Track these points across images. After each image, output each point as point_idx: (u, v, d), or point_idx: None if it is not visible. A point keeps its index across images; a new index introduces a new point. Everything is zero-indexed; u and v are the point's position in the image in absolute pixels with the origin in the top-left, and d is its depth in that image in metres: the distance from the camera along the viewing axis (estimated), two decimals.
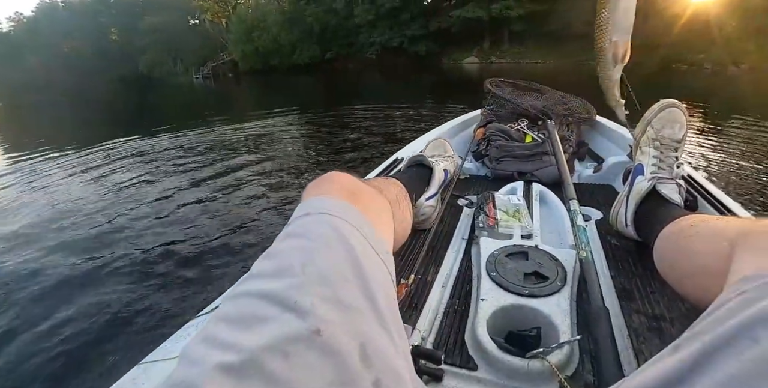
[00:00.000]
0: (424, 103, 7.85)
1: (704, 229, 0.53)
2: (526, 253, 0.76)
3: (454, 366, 0.57)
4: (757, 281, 0.33)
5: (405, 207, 0.72)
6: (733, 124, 5.69)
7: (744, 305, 0.31)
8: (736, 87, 12.53)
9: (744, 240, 0.40)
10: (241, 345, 0.27)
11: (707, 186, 0.99)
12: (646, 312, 0.67)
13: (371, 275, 0.36)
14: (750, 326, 0.29)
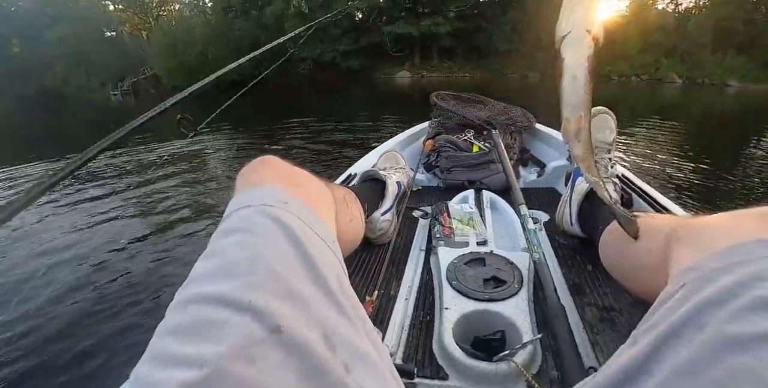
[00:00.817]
0: (359, 116, 7.91)
1: (643, 227, 0.57)
2: (483, 259, 0.78)
3: (425, 378, 0.57)
4: (696, 272, 0.36)
5: (354, 207, 0.72)
6: (637, 127, 6.45)
7: (687, 296, 0.34)
8: (638, 95, 14.11)
9: (679, 235, 0.44)
10: (201, 358, 0.26)
11: (640, 184, 1.09)
12: (597, 305, 0.71)
13: (321, 264, 0.35)
14: (695, 315, 0.32)
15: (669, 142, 5.74)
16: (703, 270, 0.35)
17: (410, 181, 1.20)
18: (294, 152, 4.78)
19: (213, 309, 0.29)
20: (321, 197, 0.49)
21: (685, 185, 3.59)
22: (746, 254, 0.34)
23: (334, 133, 5.96)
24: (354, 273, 0.83)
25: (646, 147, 5.30)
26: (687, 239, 0.42)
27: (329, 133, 5.94)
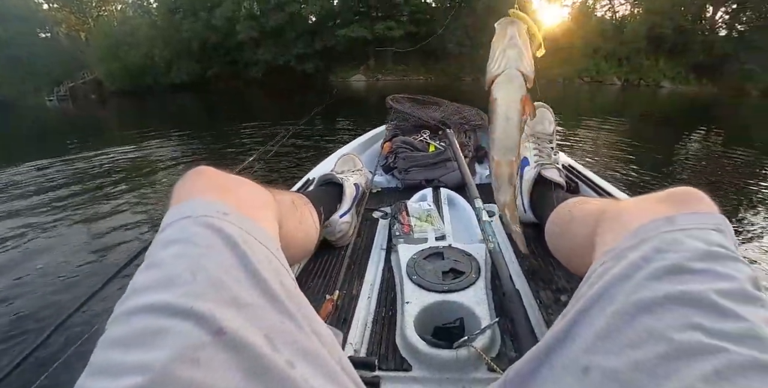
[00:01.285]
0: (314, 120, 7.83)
1: (578, 213, 0.62)
2: (442, 253, 0.81)
3: (389, 371, 0.59)
4: (612, 252, 0.40)
5: (305, 211, 0.73)
6: (582, 126, 6.86)
7: (604, 272, 0.38)
8: (582, 96, 14.90)
9: (603, 219, 0.49)
10: (144, 365, 0.26)
11: (585, 172, 1.17)
12: (551, 288, 0.76)
13: (262, 270, 0.36)
14: (608, 287, 0.36)
15: (611, 138, 6.16)
16: (618, 249, 0.40)
17: (368, 182, 1.21)
18: (246, 158, 4.67)
19: (155, 318, 0.29)
20: (262, 204, 0.49)
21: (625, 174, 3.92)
22: (652, 230, 0.39)
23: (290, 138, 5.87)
24: (315, 275, 0.84)
25: (591, 143, 5.68)
26: (609, 222, 0.47)
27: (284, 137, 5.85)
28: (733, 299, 0.31)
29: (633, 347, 0.31)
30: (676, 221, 0.39)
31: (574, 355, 0.34)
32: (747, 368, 0.27)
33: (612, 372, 0.31)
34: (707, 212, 0.40)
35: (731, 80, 22.37)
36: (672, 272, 0.34)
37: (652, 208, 0.42)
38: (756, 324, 0.29)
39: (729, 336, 0.29)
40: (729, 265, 0.34)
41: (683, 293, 0.32)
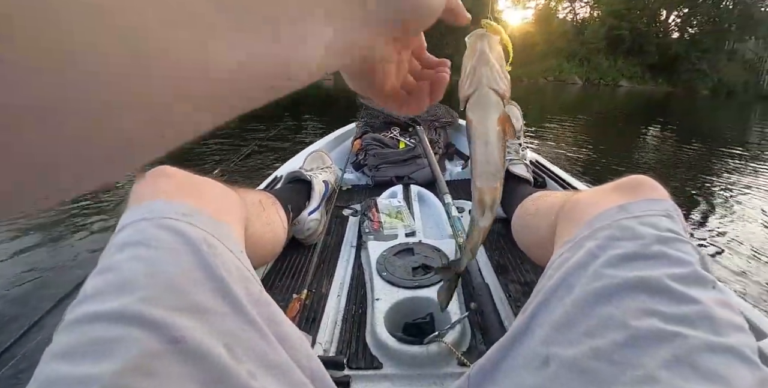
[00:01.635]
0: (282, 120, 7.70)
1: (542, 206, 0.63)
2: (412, 249, 0.80)
3: (360, 369, 0.58)
4: (570, 242, 0.41)
5: (272, 211, 0.71)
6: (547, 123, 7.09)
7: (562, 262, 0.39)
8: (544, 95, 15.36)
9: (562, 211, 0.50)
10: (92, 377, 0.25)
11: (551, 167, 1.19)
12: (519, 281, 0.76)
13: (225, 274, 0.34)
14: (566, 277, 0.37)
15: (575, 134, 6.40)
16: (575, 239, 0.40)
17: (338, 180, 1.19)
18: (210, 159, 4.52)
19: (106, 326, 0.28)
20: (226, 205, 0.47)
21: (588, 167, 4.09)
22: (605, 219, 0.40)
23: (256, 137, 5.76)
24: (283, 274, 0.82)
25: (556, 139, 5.88)
26: (567, 213, 0.48)
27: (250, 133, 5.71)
28: (685, 283, 0.32)
29: (591, 335, 0.31)
30: (628, 209, 0.40)
31: (533, 347, 0.34)
32: (703, 351, 0.27)
33: (570, 361, 0.31)
34: (657, 198, 0.41)
35: (684, 79, 23.68)
36: (627, 259, 0.34)
37: (606, 197, 0.43)
38: (708, 306, 0.30)
39: (684, 320, 0.29)
40: (680, 248, 0.35)
41: (638, 280, 0.32)
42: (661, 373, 0.27)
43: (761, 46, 24.77)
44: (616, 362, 0.29)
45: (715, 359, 0.27)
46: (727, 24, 24.64)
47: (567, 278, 0.37)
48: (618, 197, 0.42)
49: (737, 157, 5.44)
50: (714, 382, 0.26)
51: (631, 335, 0.29)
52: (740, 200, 3.65)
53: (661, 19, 25.72)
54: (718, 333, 0.29)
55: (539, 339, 0.34)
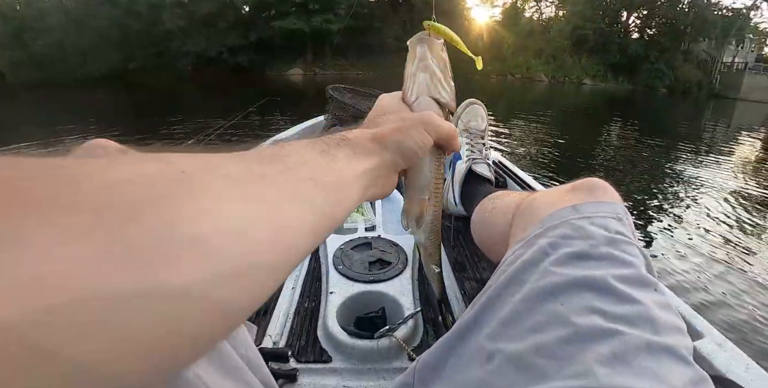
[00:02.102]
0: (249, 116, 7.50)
1: (500, 204, 0.64)
2: (370, 243, 0.80)
3: (308, 363, 0.57)
4: (524, 240, 0.41)
5: None
6: (514, 118, 7.22)
7: (514, 260, 0.39)
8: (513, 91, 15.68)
9: (518, 210, 0.50)
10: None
11: (512, 168, 1.22)
12: (475, 278, 0.77)
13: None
14: (516, 274, 0.37)
15: (540, 130, 6.55)
16: (528, 237, 0.41)
17: None
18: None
19: None
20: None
21: (552, 163, 4.23)
22: (558, 219, 0.40)
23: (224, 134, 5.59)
24: None
25: (522, 134, 6.01)
26: (523, 212, 0.48)
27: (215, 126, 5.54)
28: (629, 284, 0.33)
29: (536, 331, 0.31)
30: (580, 210, 0.40)
31: (480, 342, 0.34)
32: (641, 350, 0.28)
33: (514, 357, 0.31)
34: (609, 201, 0.42)
35: (643, 78, 24.68)
36: (576, 258, 0.35)
37: (561, 197, 0.44)
38: (649, 307, 0.31)
39: (625, 319, 0.30)
40: (627, 250, 0.36)
41: (585, 278, 0.33)
42: (598, 369, 0.27)
43: (713, 48, 26.14)
44: (557, 358, 0.29)
45: (652, 358, 0.28)
46: (683, 26, 25.83)
47: (518, 274, 0.37)
48: (572, 197, 0.43)
49: (692, 151, 5.73)
50: (649, 379, 0.27)
51: (573, 332, 0.30)
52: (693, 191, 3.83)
53: (622, 20, 26.68)
54: (657, 333, 0.30)
55: (485, 334, 0.35)
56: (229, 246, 0.16)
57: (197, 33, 22.01)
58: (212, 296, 0.15)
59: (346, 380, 0.56)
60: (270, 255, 0.18)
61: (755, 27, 29.43)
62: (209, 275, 0.15)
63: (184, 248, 0.14)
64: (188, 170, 0.17)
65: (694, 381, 0.28)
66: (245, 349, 0.35)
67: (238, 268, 0.16)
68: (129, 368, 0.13)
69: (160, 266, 0.13)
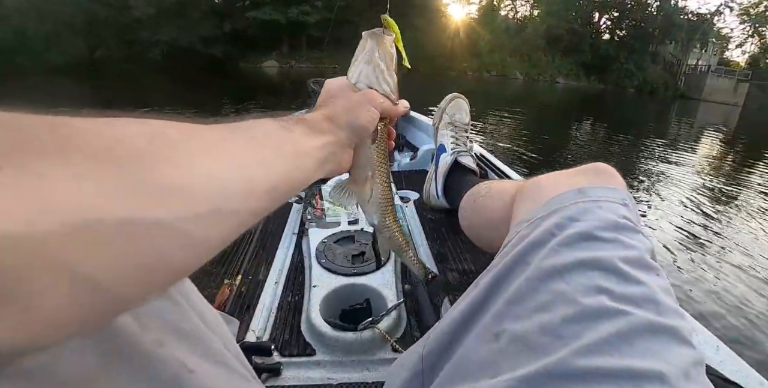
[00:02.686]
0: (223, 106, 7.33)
1: (494, 189, 0.64)
2: (353, 236, 0.80)
3: (292, 356, 0.57)
4: (527, 221, 0.42)
5: None
6: (491, 114, 7.33)
7: (519, 240, 0.40)
8: (489, 88, 15.89)
9: (520, 193, 0.51)
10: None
11: (493, 160, 1.23)
12: (458, 269, 0.78)
13: None
14: (522, 255, 0.37)
15: (516, 125, 6.68)
16: (533, 218, 0.41)
17: None
18: None
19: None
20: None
21: (527, 157, 4.38)
22: (565, 201, 0.41)
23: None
24: (217, 261, 0.79)
25: (499, 130, 6.11)
26: (527, 194, 0.49)
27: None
28: (634, 266, 0.33)
29: (541, 310, 0.32)
30: (588, 193, 0.41)
31: (487, 323, 0.35)
32: (645, 330, 0.29)
33: (520, 335, 0.31)
34: (615, 186, 0.42)
35: (613, 78, 25.45)
36: (583, 239, 0.35)
37: (567, 181, 0.44)
38: (653, 289, 0.32)
39: (630, 300, 0.30)
40: (632, 236, 0.37)
41: (592, 259, 0.33)
42: (602, 347, 0.28)
43: (679, 50, 27.18)
44: (562, 337, 0.29)
45: (655, 338, 0.28)
46: (651, 28, 26.73)
47: (524, 254, 0.37)
48: (578, 180, 0.43)
49: (659, 147, 5.98)
50: (652, 359, 0.27)
51: (578, 311, 0.30)
52: (659, 182, 4.01)
53: (594, 21, 27.38)
54: (661, 314, 0.30)
55: (492, 314, 0.35)
56: (207, 193, 0.20)
57: (168, 22, 21.19)
58: (192, 230, 0.18)
59: (330, 372, 0.56)
60: (239, 203, 0.22)
61: (718, 32, 30.80)
62: (191, 214, 0.18)
63: (166, 191, 0.18)
64: (169, 133, 0.20)
65: (694, 362, 0.29)
66: (224, 343, 0.34)
67: (214, 210, 0.20)
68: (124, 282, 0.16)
69: (155, 204, 0.17)
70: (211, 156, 0.21)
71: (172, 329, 0.29)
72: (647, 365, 0.27)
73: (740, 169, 5.30)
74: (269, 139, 0.27)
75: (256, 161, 0.25)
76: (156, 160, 0.18)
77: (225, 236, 0.21)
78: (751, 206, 3.65)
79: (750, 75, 24.91)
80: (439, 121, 1.03)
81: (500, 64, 25.12)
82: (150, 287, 0.18)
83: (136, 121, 0.19)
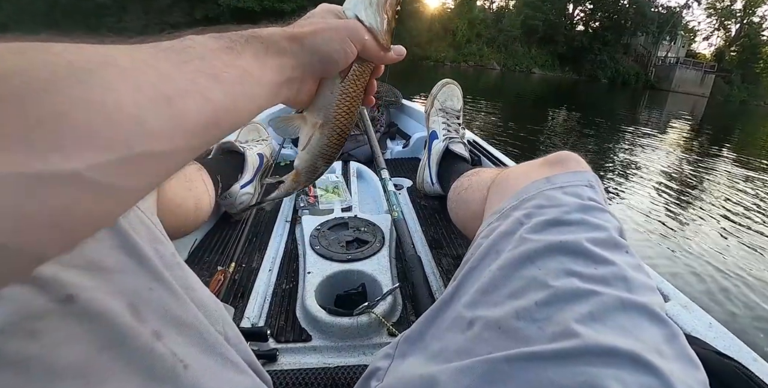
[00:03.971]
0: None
1: (475, 182, 0.65)
2: (347, 223, 0.80)
3: (288, 343, 0.57)
4: (498, 212, 0.43)
5: (197, 177, 0.68)
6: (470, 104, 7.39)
7: (490, 231, 0.40)
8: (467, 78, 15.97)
9: (492, 185, 0.52)
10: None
11: (485, 146, 1.23)
12: (452, 255, 0.79)
13: (132, 232, 0.30)
14: (493, 245, 0.38)
15: (493, 115, 6.76)
16: (503, 209, 0.42)
17: (274, 153, 1.13)
18: None
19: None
20: None
21: (505, 146, 4.44)
22: (533, 190, 0.42)
23: None
24: (212, 250, 0.78)
25: (480, 119, 6.18)
26: (497, 187, 0.50)
27: None
28: (603, 247, 0.34)
29: (514, 296, 0.32)
30: (553, 180, 0.42)
31: (458, 311, 0.35)
32: (616, 308, 0.29)
33: (493, 322, 0.31)
34: (580, 170, 0.44)
35: (587, 68, 25.96)
36: (550, 225, 0.36)
37: (534, 171, 0.45)
38: (622, 268, 0.32)
39: (600, 279, 0.31)
40: (599, 216, 0.38)
41: (560, 243, 0.34)
42: (578, 328, 0.28)
43: (650, 42, 27.90)
44: (536, 320, 0.30)
45: (626, 315, 0.29)
46: (623, 20, 27.29)
47: (495, 245, 0.38)
48: (545, 170, 0.45)
49: (629, 134, 6.21)
50: (626, 336, 0.28)
51: (551, 294, 0.30)
52: (629, 167, 4.19)
53: (568, 12, 27.75)
54: (632, 292, 0.31)
55: (464, 303, 0.35)
56: (120, 135, 0.16)
57: (135, 8, 20.36)
58: (104, 180, 0.16)
59: (327, 357, 0.56)
60: (166, 144, 0.19)
61: (686, 25, 31.73)
62: (101, 161, 0.15)
63: (74, 136, 0.15)
64: (76, 61, 0.16)
65: (666, 337, 0.29)
66: (222, 326, 0.33)
67: (131, 155, 0.17)
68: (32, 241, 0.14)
69: (50, 154, 0.14)
70: (128, 88, 0.17)
71: (171, 320, 0.28)
72: (619, 343, 0.27)
73: (706, 154, 5.57)
74: (207, 63, 0.23)
75: (188, 91, 0.20)
76: (57, 98, 0.15)
77: (153, 180, 0.19)
78: (715, 186, 3.88)
79: (716, 67, 25.84)
80: (430, 107, 1.03)
81: (477, 55, 25.23)
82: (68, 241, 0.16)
83: (42, 48, 0.16)
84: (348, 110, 0.36)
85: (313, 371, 0.52)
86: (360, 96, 0.37)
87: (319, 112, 0.36)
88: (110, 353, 0.23)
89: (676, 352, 0.28)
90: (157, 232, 0.34)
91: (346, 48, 0.31)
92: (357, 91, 0.36)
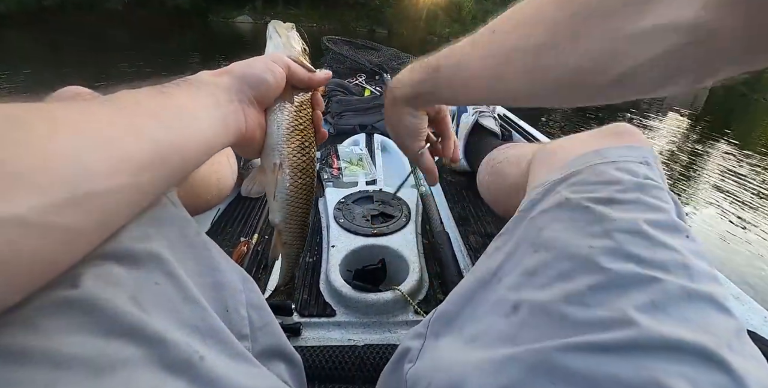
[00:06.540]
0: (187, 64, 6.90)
1: (512, 154, 0.62)
2: (372, 196, 0.78)
3: (312, 317, 0.56)
4: (542, 186, 0.39)
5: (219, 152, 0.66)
6: None
7: (530, 206, 0.38)
8: None
9: (534, 159, 0.49)
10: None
11: (517, 121, 1.20)
12: (480, 232, 0.78)
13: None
14: (536, 221, 0.36)
15: None
16: (547, 183, 0.39)
17: None
18: None
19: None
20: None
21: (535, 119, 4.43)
22: (581, 164, 0.38)
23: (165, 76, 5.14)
24: (235, 220, 0.78)
25: None
26: (541, 160, 0.47)
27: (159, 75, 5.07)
28: (662, 230, 0.31)
29: (563, 279, 0.30)
30: (604, 154, 0.38)
31: (500, 293, 0.33)
32: (679, 298, 0.27)
33: (541, 306, 0.29)
34: (635, 144, 0.40)
35: None
36: (601, 204, 0.33)
37: (583, 142, 0.42)
38: (684, 254, 0.30)
39: (661, 266, 0.29)
40: (657, 195, 0.34)
41: (615, 223, 0.31)
42: (637, 316, 0.26)
43: None
44: (588, 305, 0.28)
45: (693, 306, 0.27)
46: None
47: (537, 221, 0.35)
48: (595, 142, 0.41)
49: (630, 117, 6.30)
50: (693, 328, 0.25)
51: (606, 279, 0.28)
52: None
53: None
54: (693, 280, 0.28)
55: (507, 285, 0.33)
56: (61, 177, 0.17)
57: None
58: (50, 222, 0.16)
59: (351, 333, 0.55)
60: (109, 182, 0.20)
61: None
62: (45, 204, 0.16)
63: (14, 180, 0.16)
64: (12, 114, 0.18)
65: (736, 330, 0.27)
66: (246, 308, 0.32)
67: (75, 195, 0.18)
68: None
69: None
70: (69, 134, 0.19)
71: (184, 325, 0.26)
72: (685, 335, 0.25)
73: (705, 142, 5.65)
74: (143, 107, 0.24)
75: (128, 132, 0.22)
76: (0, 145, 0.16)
77: (103, 217, 0.20)
78: (713, 171, 4.00)
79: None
80: None
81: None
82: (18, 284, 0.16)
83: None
84: (301, 145, 0.37)
85: (341, 348, 0.52)
86: (309, 128, 0.37)
87: (272, 151, 0.36)
88: (118, 342, 0.22)
89: (746, 348, 0.26)
90: (178, 212, 0.31)
91: (272, 67, 0.35)
92: (304, 124, 0.37)
